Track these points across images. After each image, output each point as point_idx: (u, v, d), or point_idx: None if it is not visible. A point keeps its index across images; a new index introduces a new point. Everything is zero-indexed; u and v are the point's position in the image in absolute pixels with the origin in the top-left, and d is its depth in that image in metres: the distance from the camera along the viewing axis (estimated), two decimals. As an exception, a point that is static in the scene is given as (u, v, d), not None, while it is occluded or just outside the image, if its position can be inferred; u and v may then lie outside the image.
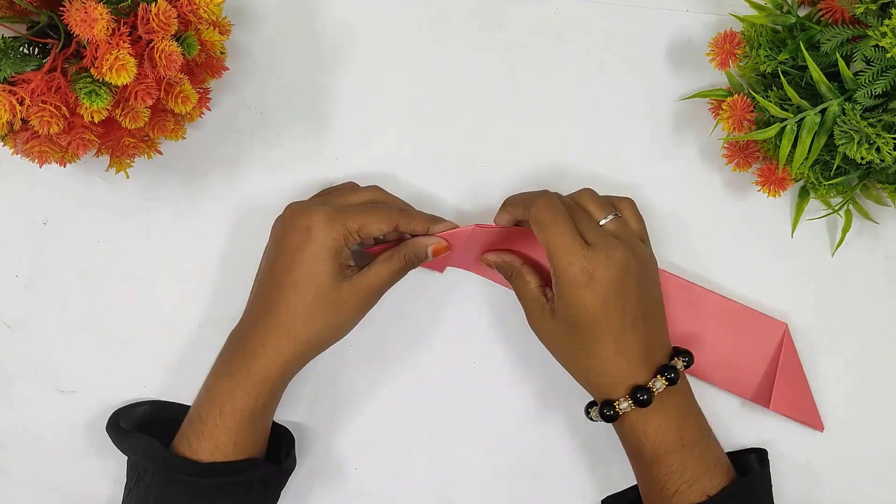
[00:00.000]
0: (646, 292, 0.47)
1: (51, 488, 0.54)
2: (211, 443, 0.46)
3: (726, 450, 0.49)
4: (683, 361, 0.47)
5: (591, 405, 0.49)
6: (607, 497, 0.53)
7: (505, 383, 0.54)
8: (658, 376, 0.46)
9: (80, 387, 0.54)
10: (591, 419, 0.49)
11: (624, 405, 0.46)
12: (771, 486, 0.49)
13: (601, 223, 0.47)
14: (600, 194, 0.49)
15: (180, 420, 0.49)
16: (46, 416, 0.54)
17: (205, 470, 0.46)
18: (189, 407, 0.50)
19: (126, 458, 0.49)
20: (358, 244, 0.49)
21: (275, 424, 0.52)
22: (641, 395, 0.45)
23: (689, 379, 0.51)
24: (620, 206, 0.49)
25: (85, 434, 0.53)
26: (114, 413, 0.51)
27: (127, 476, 0.49)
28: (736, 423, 0.53)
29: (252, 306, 0.49)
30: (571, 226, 0.46)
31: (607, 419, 0.46)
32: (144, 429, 0.50)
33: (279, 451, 0.50)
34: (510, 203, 0.49)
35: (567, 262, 0.45)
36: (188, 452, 0.47)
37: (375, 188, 0.51)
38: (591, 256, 0.45)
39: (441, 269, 0.54)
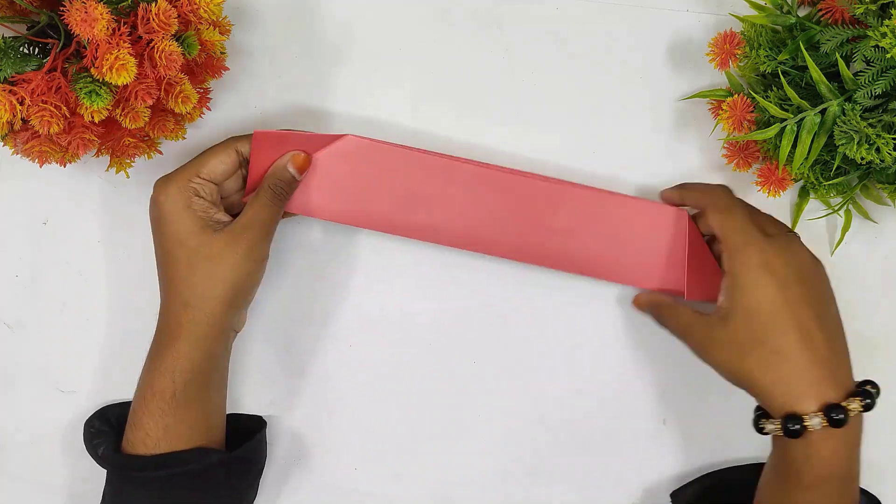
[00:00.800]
0: (827, 300, 0.45)
1: (51, 488, 0.54)
2: (140, 431, 0.46)
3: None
4: (875, 390, 0.43)
5: (763, 415, 0.44)
6: (676, 490, 0.52)
7: (505, 383, 0.54)
8: (854, 399, 0.42)
9: (80, 387, 0.54)
10: (763, 432, 0.44)
11: (815, 421, 0.41)
12: None
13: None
14: None
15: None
16: (46, 416, 0.54)
17: (149, 463, 0.45)
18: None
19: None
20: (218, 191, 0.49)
21: (247, 417, 0.51)
22: (836, 415, 0.41)
23: (580, 279, 0.52)
24: None
25: (85, 434, 0.53)
26: (95, 413, 0.51)
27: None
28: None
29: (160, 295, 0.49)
30: (749, 213, 0.46)
31: (791, 434, 0.42)
32: (119, 429, 0.49)
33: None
34: (686, 187, 0.50)
35: (745, 242, 0.44)
36: (128, 447, 0.46)
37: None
38: (772, 242, 0.44)
39: (328, 214, 0.50)
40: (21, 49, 0.43)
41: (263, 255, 0.48)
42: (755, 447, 0.53)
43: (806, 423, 0.41)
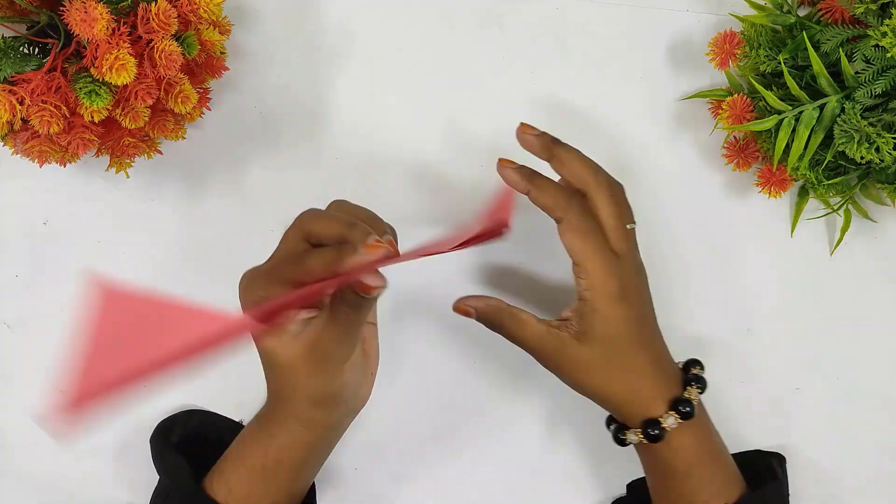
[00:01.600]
0: (649, 301, 0.46)
1: (51, 488, 0.53)
2: (229, 485, 0.44)
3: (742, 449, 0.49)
4: (699, 368, 0.46)
5: (622, 428, 0.45)
6: (633, 481, 0.52)
7: (505, 383, 0.54)
8: (689, 387, 0.44)
9: (80, 387, 0.54)
10: (624, 444, 0.45)
11: (669, 421, 0.43)
12: (787, 495, 0.48)
13: (627, 226, 0.45)
14: None
15: (226, 444, 0.47)
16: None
17: None
18: (234, 423, 0.51)
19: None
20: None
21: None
22: (684, 408, 0.43)
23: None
24: None
25: (85, 434, 0.53)
26: (166, 420, 0.51)
27: (159, 483, 0.48)
28: (754, 424, 0.53)
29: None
30: (604, 238, 0.44)
31: (653, 439, 0.43)
32: (190, 444, 0.48)
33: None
34: (540, 188, 0.44)
35: (604, 274, 0.43)
36: (210, 491, 0.45)
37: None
38: (624, 267, 0.43)
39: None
40: (21, 49, 0.43)
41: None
42: (753, 447, 0.53)
43: (663, 425, 0.43)
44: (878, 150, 0.45)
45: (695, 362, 0.47)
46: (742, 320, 0.55)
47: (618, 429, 0.46)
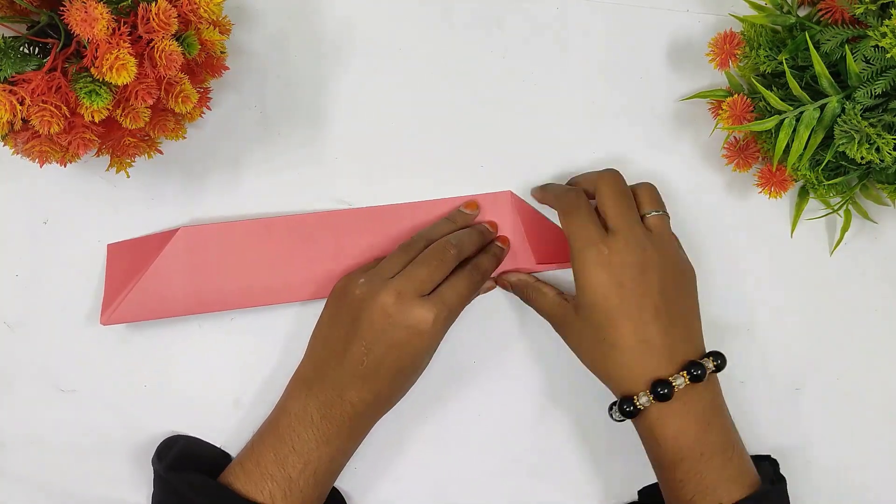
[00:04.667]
0: (672, 290, 0.46)
1: (51, 488, 0.53)
2: (299, 499, 0.46)
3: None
4: (715, 363, 0.46)
5: (613, 404, 0.48)
6: (645, 487, 0.53)
7: (505, 383, 0.54)
8: (681, 372, 0.45)
9: (80, 387, 0.54)
10: (614, 419, 0.48)
11: (643, 399, 0.45)
12: (787, 502, 0.48)
13: (646, 214, 0.48)
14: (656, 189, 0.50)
15: (209, 457, 0.50)
16: (46, 416, 0.54)
17: None
18: (216, 448, 0.52)
19: (152, 489, 0.49)
20: None
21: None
22: (662, 389, 0.44)
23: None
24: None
25: (85, 434, 0.53)
26: (162, 444, 0.52)
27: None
28: (754, 424, 0.53)
29: (345, 375, 0.47)
30: (591, 215, 0.47)
31: (627, 415, 0.46)
32: (183, 464, 0.49)
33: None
34: (545, 189, 0.52)
35: (584, 244, 0.46)
36: (259, 498, 0.46)
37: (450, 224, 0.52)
38: (611, 241, 0.46)
39: (159, 314, 0.52)
40: (21, 49, 0.43)
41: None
42: (753, 447, 0.53)
43: (636, 402, 0.45)
44: (878, 150, 0.45)
45: (715, 355, 0.46)
46: (742, 320, 0.55)
47: (610, 404, 0.48)
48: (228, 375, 0.54)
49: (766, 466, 0.49)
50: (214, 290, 0.51)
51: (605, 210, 0.47)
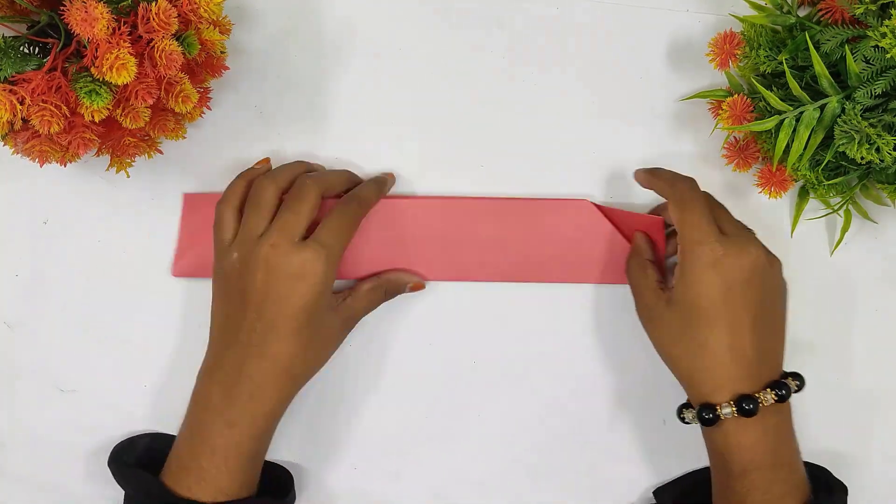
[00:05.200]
0: (771, 305, 0.46)
1: (51, 488, 0.53)
2: (213, 487, 0.46)
3: None
4: (797, 384, 0.46)
5: (685, 406, 0.47)
6: (658, 487, 0.53)
7: (505, 383, 0.54)
8: (768, 390, 0.44)
9: (80, 387, 0.54)
10: (685, 421, 0.47)
11: (726, 411, 0.44)
12: None
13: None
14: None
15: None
16: (46, 416, 0.54)
17: None
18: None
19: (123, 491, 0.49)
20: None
21: (270, 464, 0.52)
22: (747, 405, 0.43)
23: (527, 287, 0.53)
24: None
25: (85, 434, 0.53)
26: (116, 446, 0.51)
27: (125, 497, 0.48)
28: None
29: (240, 350, 0.46)
30: (710, 212, 0.46)
31: (705, 422, 0.45)
32: (144, 463, 0.49)
33: (277, 487, 0.51)
34: (655, 174, 0.50)
35: (699, 240, 0.45)
36: (189, 495, 0.46)
37: (298, 163, 0.51)
38: (726, 242, 0.45)
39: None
40: (21, 49, 0.43)
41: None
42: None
43: (718, 413, 0.44)
44: (878, 150, 0.45)
45: (795, 375, 0.46)
46: (742, 320, 0.55)
47: (682, 406, 0.48)
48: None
49: (820, 475, 0.49)
50: (363, 263, 0.53)
51: (716, 213, 0.47)
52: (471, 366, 0.54)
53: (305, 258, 0.45)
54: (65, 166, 0.46)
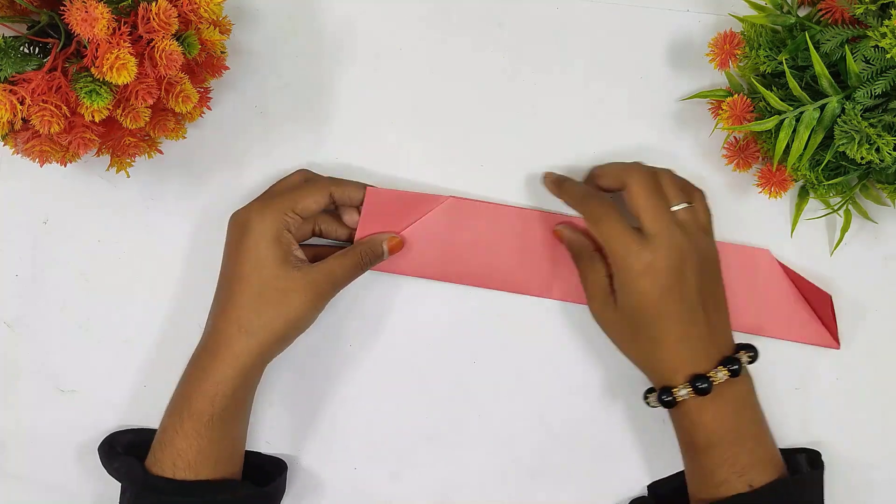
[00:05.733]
0: (706, 284, 0.47)
1: (51, 488, 0.53)
2: (172, 450, 0.46)
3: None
4: (749, 356, 0.47)
5: (649, 391, 0.49)
6: (653, 482, 0.54)
7: (505, 383, 0.54)
8: (720, 367, 0.46)
9: (80, 387, 0.54)
10: (649, 405, 0.49)
11: (682, 392, 0.46)
12: (822, 490, 0.48)
13: (673, 209, 0.48)
14: (678, 176, 0.50)
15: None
16: (46, 416, 0.54)
17: (182, 488, 0.45)
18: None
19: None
20: (303, 230, 0.51)
21: (268, 457, 0.52)
22: (701, 384, 0.45)
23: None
24: (694, 196, 0.49)
25: (85, 434, 0.53)
26: (107, 436, 0.51)
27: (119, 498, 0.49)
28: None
29: (210, 313, 0.49)
30: (623, 219, 0.47)
31: (665, 405, 0.47)
32: (133, 451, 0.49)
33: (263, 476, 0.50)
34: (563, 188, 0.51)
35: (623, 253, 0.46)
36: (156, 468, 0.46)
37: (302, 171, 0.53)
38: (649, 245, 0.46)
39: (403, 271, 0.53)
40: (21, 49, 0.43)
41: (322, 308, 0.49)
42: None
43: (675, 394, 0.46)
44: (878, 150, 0.45)
45: (748, 347, 0.48)
46: (742, 320, 0.55)
47: (646, 391, 0.49)
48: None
49: (801, 458, 0.50)
50: (460, 264, 0.53)
51: (638, 212, 0.47)
52: (471, 366, 0.54)
53: (249, 212, 0.48)
54: (65, 166, 0.46)
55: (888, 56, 0.43)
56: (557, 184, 0.52)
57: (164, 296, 0.54)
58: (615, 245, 0.46)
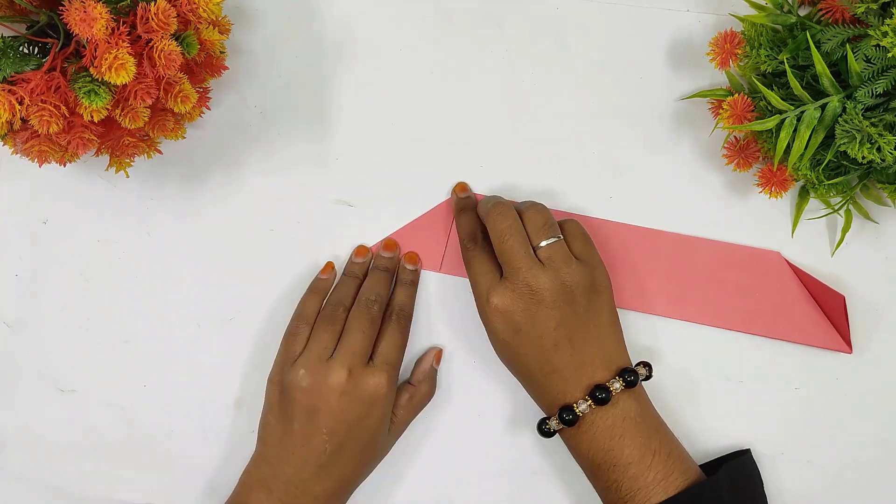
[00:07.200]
0: (573, 318, 0.47)
1: (51, 488, 0.54)
2: None
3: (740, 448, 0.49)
4: (627, 379, 0.46)
5: (542, 421, 0.49)
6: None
7: (505, 383, 0.54)
8: (617, 379, 0.46)
9: (80, 387, 0.54)
10: (549, 432, 0.49)
11: (553, 423, 0.47)
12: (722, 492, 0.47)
13: (537, 247, 0.47)
14: (546, 211, 0.50)
15: None
16: (46, 416, 0.54)
17: None
18: None
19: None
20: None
21: None
22: (567, 415, 0.46)
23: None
24: (564, 228, 0.50)
25: (85, 434, 0.53)
26: None
27: None
28: (752, 424, 0.53)
29: (305, 468, 0.48)
30: (486, 262, 0.49)
31: (543, 434, 0.48)
32: None
33: None
34: (458, 222, 0.53)
35: (479, 293, 0.48)
36: None
37: (353, 280, 0.53)
38: (502, 290, 0.47)
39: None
40: (20, 49, 0.43)
41: None
42: (751, 446, 0.53)
43: (548, 425, 0.48)
44: (879, 149, 0.45)
45: (642, 364, 0.48)
46: (742, 320, 0.54)
47: (541, 420, 0.49)
48: (228, 375, 0.54)
49: (734, 463, 0.49)
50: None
51: (497, 254, 0.48)
52: (471, 366, 0.54)
53: (379, 383, 0.48)
54: (64, 166, 0.46)
55: (889, 55, 0.43)
56: (456, 209, 0.53)
57: (163, 295, 0.54)
58: (474, 285, 0.49)
